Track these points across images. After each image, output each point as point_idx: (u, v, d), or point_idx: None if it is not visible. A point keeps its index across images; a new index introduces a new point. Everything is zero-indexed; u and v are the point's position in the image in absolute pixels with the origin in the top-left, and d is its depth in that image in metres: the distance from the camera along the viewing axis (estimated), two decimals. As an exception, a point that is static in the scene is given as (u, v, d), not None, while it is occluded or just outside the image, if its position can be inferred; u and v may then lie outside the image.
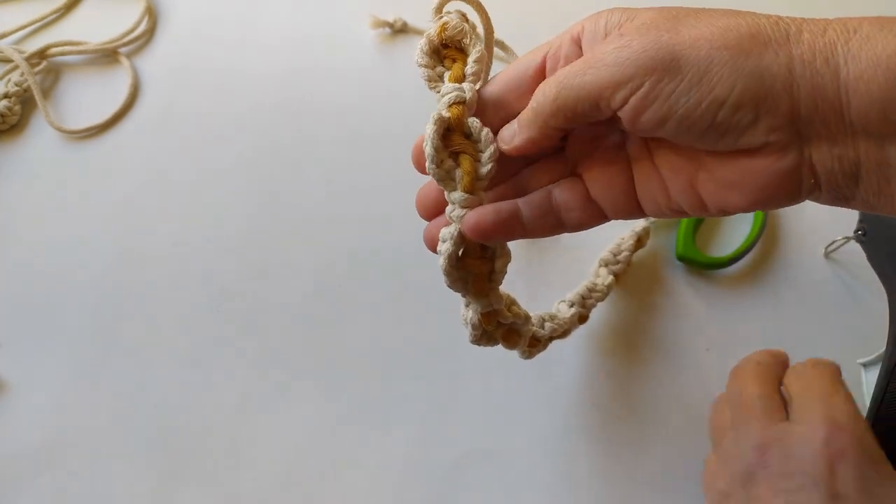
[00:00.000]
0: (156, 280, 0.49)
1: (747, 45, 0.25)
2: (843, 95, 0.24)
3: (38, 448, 0.45)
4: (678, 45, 0.25)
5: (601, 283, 0.45)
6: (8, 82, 0.55)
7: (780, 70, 0.24)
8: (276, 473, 0.44)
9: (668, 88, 0.25)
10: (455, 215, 0.30)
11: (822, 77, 0.24)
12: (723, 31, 0.25)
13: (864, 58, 0.24)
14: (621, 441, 0.45)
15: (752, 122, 0.25)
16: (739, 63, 0.24)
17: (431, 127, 0.30)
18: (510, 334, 0.35)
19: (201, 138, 0.54)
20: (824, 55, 0.24)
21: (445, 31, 0.32)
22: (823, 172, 0.26)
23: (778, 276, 0.49)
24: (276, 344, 0.47)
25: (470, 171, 0.30)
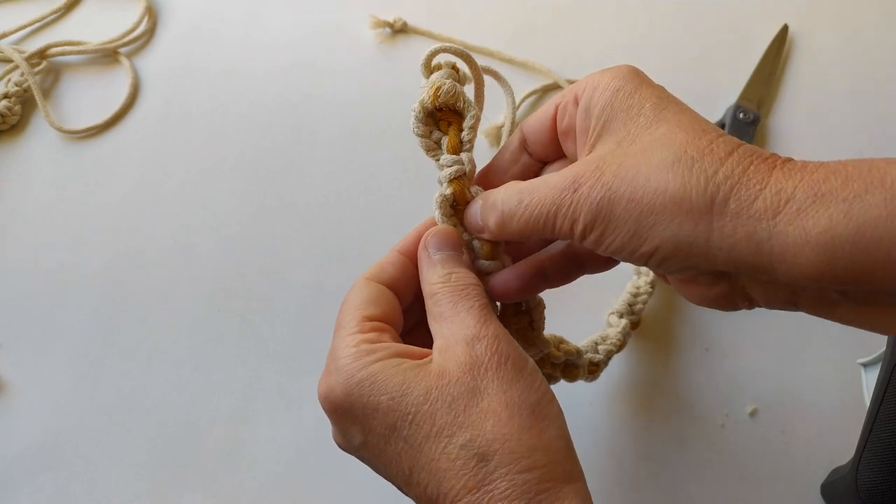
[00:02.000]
0: (156, 280, 0.49)
1: (670, 211, 0.26)
2: (766, 264, 0.25)
3: (38, 448, 0.45)
4: (615, 206, 0.28)
5: (643, 282, 0.46)
6: (8, 82, 0.55)
7: (698, 240, 0.26)
8: (276, 474, 0.44)
9: (609, 238, 0.28)
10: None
11: (741, 251, 0.25)
12: (652, 194, 0.27)
13: (791, 234, 0.24)
14: (620, 441, 0.45)
15: (679, 269, 0.28)
16: (661, 229, 0.27)
17: (438, 210, 0.33)
18: (568, 369, 0.37)
19: (201, 138, 0.54)
20: (746, 230, 0.25)
21: (438, 98, 0.32)
22: (760, 298, 0.28)
23: (778, 276, 0.49)
24: (276, 344, 0.47)
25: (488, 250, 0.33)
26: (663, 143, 0.28)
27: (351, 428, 0.30)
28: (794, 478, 0.43)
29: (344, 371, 0.30)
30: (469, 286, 0.31)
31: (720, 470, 0.44)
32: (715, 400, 0.46)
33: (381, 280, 0.33)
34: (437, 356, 0.29)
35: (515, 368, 0.28)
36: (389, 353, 0.30)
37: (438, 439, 0.27)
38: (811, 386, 0.46)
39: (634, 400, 0.46)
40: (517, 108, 0.54)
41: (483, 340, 0.28)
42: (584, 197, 0.28)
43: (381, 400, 0.28)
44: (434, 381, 0.28)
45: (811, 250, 0.24)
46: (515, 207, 0.30)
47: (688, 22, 0.58)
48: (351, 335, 0.31)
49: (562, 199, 0.29)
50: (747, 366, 0.46)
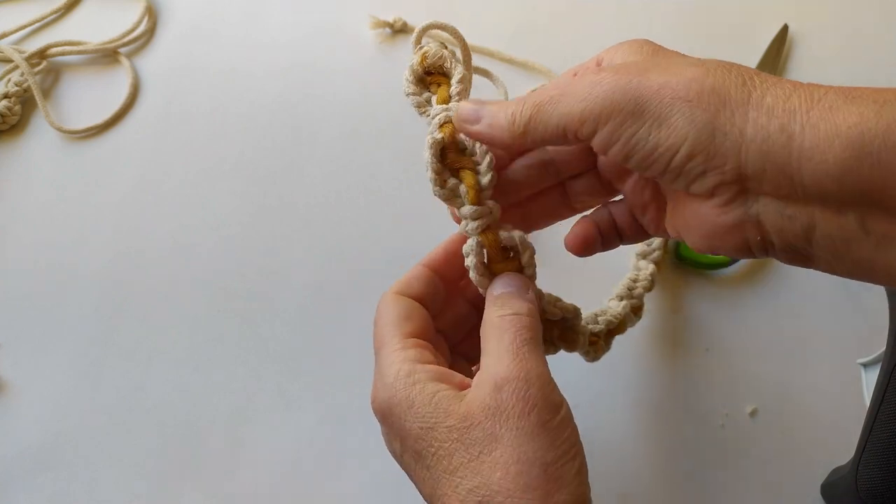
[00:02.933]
0: (156, 280, 0.49)
1: (706, 99, 0.26)
2: (794, 162, 0.25)
3: (38, 448, 0.45)
4: (644, 91, 0.26)
5: (643, 273, 0.46)
6: (8, 82, 0.55)
7: (732, 130, 0.25)
8: (276, 473, 0.44)
9: (629, 131, 0.27)
10: (470, 228, 0.32)
11: (774, 143, 0.25)
12: (688, 81, 0.26)
13: (822, 128, 0.24)
14: (620, 441, 0.45)
15: (701, 172, 0.26)
16: (695, 116, 0.26)
17: (428, 151, 0.32)
18: (566, 334, 0.36)
19: (201, 138, 0.54)
20: (781, 122, 0.25)
21: (426, 60, 0.34)
22: (773, 230, 0.26)
23: (778, 276, 0.49)
24: (276, 344, 0.47)
25: (473, 185, 0.32)
26: (694, 59, 0.28)
27: (392, 440, 0.31)
28: (794, 478, 0.43)
29: (388, 388, 0.30)
30: (518, 316, 0.30)
31: (720, 470, 0.44)
32: (715, 400, 0.46)
33: (410, 295, 0.33)
34: (471, 391, 0.29)
35: (540, 420, 0.27)
36: (430, 376, 0.29)
37: (453, 477, 0.27)
38: (811, 386, 0.46)
39: (634, 400, 0.46)
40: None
41: (511, 383, 0.28)
42: (606, 78, 0.27)
43: (413, 426, 0.29)
44: (457, 422, 0.28)
45: (840, 144, 0.24)
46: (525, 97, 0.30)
47: (688, 22, 0.58)
48: (395, 351, 0.31)
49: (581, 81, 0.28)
50: (747, 366, 0.46)
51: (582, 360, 0.47)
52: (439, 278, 0.34)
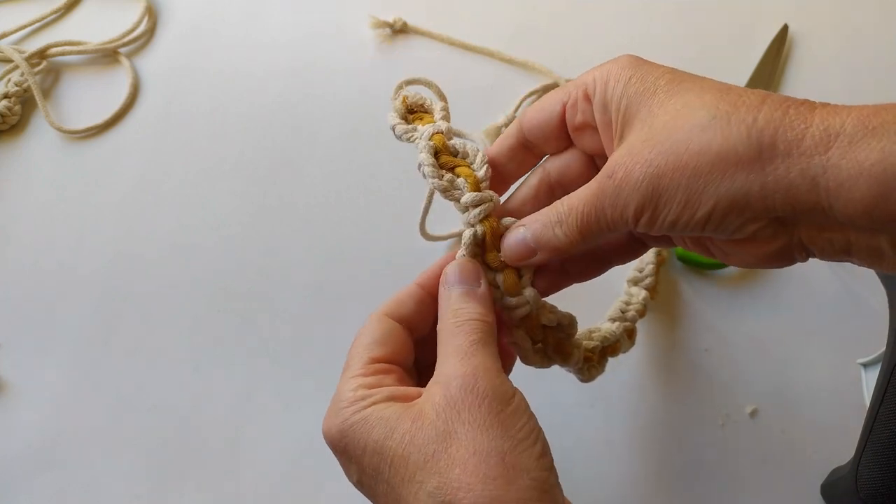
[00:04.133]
0: (156, 280, 0.49)
1: (719, 168, 0.26)
2: (823, 201, 0.25)
3: (38, 448, 0.45)
4: (662, 179, 0.27)
5: (635, 298, 0.45)
6: (8, 82, 0.55)
7: (753, 188, 0.26)
8: (276, 473, 0.44)
9: (663, 214, 0.28)
10: (472, 216, 0.32)
11: (798, 189, 0.25)
12: (697, 156, 0.27)
13: (845, 167, 0.24)
14: (620, 441, 0.45)
15: (738, 226, 0.27)
16: (715, 188, 0.27)
17: (423, 153, 0.33)
18: (562, 345, 0.36)
19: (201, 138, 0.54)
20: (800, 167, 0.25)
21: (407, 100, 0.36)
22: (815, 249, 0.28)
23: (778, 276, 0.49)
24: (277, 344, 0.47)
25: (471, 174, 0.33)
26: (692, 107, 0.28)
27: (349, 466, 0.30)
28: (794, 478, 0.43)
29: (340, 414, 0.30)
30: (469, 321, 0.30)
31: (720, 470, 0.44)
32: (715, 400, 0.46)
33: (398, 314, 0.33)
34: (422, 396, 0.29)
35: (491, 411, 0.27)
36: (384, 396, 0.29)
37: (411, 483, 0.27)
38: (811, 386, 0.46)
39: (635, 400, 0.46)
40: (517, 108, 0.54)
41: (458, 379, 0.28)
42: (624, 181, 0.28)
43: (367, 443, 0.28)
44: (409, 425, 0.28)
45: (865, 182, 0.24)
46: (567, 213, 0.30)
47: (688, 22, 0.58)
48: (353, 378, 0.31)
49: (602, 189, 0.29)
50: (747, 366, 0.46)
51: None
52: (432, 298, 0.34)
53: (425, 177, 0.33)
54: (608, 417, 0.45)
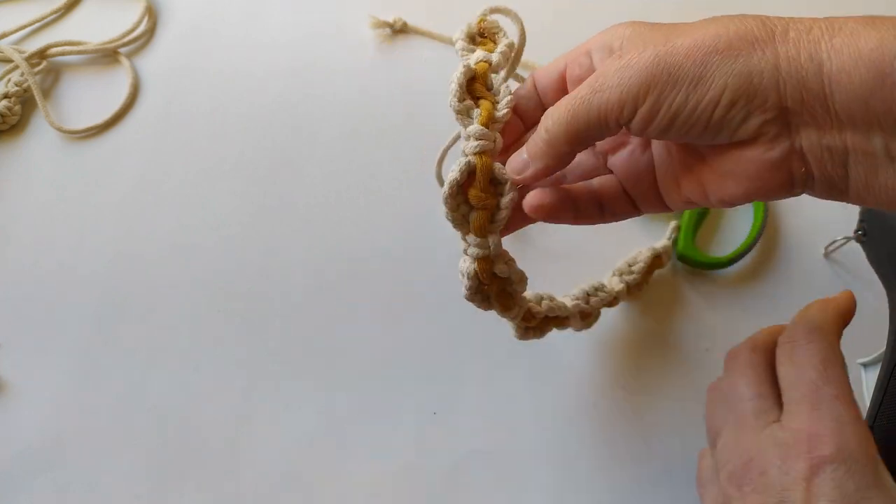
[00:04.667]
0: (156, 280, 0.49)
1: (736, 46, 0.27)
2: (826, 88, 0.26)
3: (38, 448, 0.45)
4: (674, 58, 0.27)
5: (609, 287, 0.45)
6: (8, 82, 0.55)
7: (767, 67, 0.26)
8: (276, 473, 0.44)
9: (668, 99, 0.28)
10: (469, 148, 0.33)
11: (807, 72, 0.26)
12: (714, 36, 0.27)
13: (846, 52, 0.25)
14: (621, 441, 0.45)
15: (744, 117, 0.27)
16: (729, 65, 0.27)
17: (458, 70, 0.34)
18: (504, 296, 0.36)
19: (201, 138, 0.54)
20: (808, 51, 0.26)
21: (484, 22, 0.37)
22: (814, 161, 0.28)
23: (778, 276, 0.49)
24: (277, 344, 0.47)
25: (488, 109, 0.34)
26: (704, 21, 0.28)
27: None
28: (794, 478, 0.43)
29: None
30: None
31: (720, 470, 0.44)
32: (715, 400, 0.46)
33: None
34: None
35: None
36: None
37: None
38: (811, 386, 0.46)
39: (635, 400, 0.46)
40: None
41: None
42: (633, 59, 0.28)
43: None
44: None
45: (864, 66, 0.25)
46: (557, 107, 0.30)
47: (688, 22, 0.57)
48: None
49: (605, 70, 0.29)
50: (747, 366, 0.46)
51: (581, 361, 0.47)
52: None
53: (449, 94, 0.34)
54: (608, 417, 0.45)
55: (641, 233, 0.50)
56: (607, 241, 0.49)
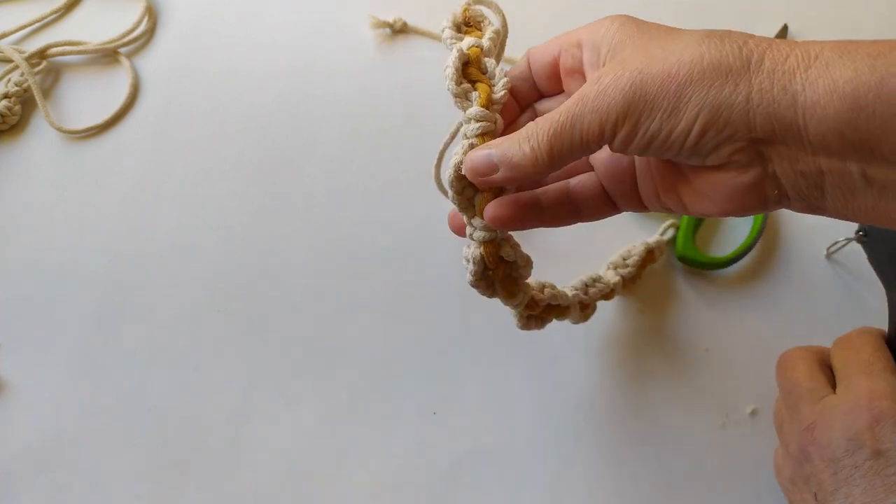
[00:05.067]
0: (156, 280, 0.49)
1: (709, 77, 0.27)
2: (800, 119, 0.26)
3: (38, 448, 0.45)
4: (649, 86, 0.28)
5: (605, 279, 0.45)
6: (8, 82, 0.55)
7: (738, 100, 0.27)
8: (276, 473, 0.44)
9: (644, 125, 0.28)
10: (470, 130, 0.33)
11: (779, 105, 0.27)
12: (688, 65, 0.28)
13: (821, 84, 0.26)
14: (621, 441, 0.45)
15: (714, 146, 0.28)
16: (701, 96, 0.27)
17: (453, 55, 0.35)
18: (509, 281, 0.36)
19: (201, 138, 0.54)
20: (782, 83, 0.27)
21: (468, 11, 0.37)
22: (788, 185, 0.28)
23: (778, 276, 0.49)
24: (276, 344, 0.47)
25: (486, 91, 0.34)
26: (685, 36, 0.29)
27: None
28: (794, 478, 0.43)
29: None
30: None
31: (720, 470, 0.44)
32: (715, 400, 0.46)
33: None
34: None
35: None
36: None
37: None
38: (811, 386, 0.46)
39: (635, 400, 0.46)
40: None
41: None
42: (609, 86, 0.29)
43: None
44: None
45: (838, 99, 0.25)
46: (539, 125, 0.30)
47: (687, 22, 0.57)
48: None
49: (584, 95, 0.29)
50: (747, 366, 0.46)
51: (580, 361, 0.47)
52: None
53: (445, 79, 0.34)
54: (608, 417, 0.45)
55: (639, 231, 0.49)
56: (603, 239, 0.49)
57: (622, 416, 0.45)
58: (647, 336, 0.47)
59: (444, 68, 0.34)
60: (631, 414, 0.45)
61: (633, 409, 0.45)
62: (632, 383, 0.46)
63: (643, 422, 0.45)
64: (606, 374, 0.46)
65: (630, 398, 0.46)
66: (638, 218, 0.50)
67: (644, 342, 0.47)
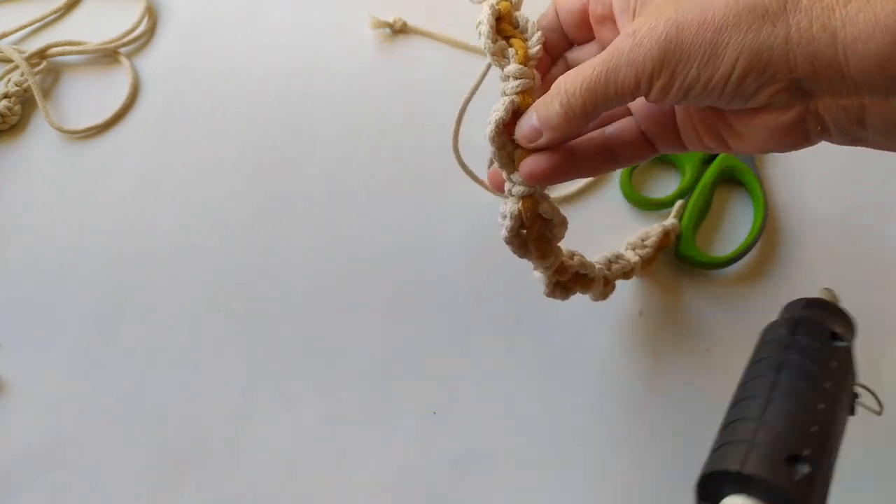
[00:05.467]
0: (156, 280, 0.49)
1: (746, 20, 0.27)
2: (841, 56, 0.26)
3: (38, 448, 0.45)
4: (685, 35, 0.28)
5: (625, 258, 0.46)
6: (8, 82, 0.55)
7: (777, 41, 0.26)
8: (276, 473, 0.44)
9: (682, 74, 0.28)
10: (510, 88, 0.33)
11: (819, 43, 0.26)
12: (723, 9, 0.27)
13: (861, 19, 0.25)
14: (621, 440, 0.45)
15: (756, 89, 0.28)
16: (738, 40, 0.27)
17: (486, 11, 0.34)
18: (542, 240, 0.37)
19: (201, 138, 0.54)
20: (821, 21, 0.26)
21: None
22: (830, 120, 0.28)
23: (778, 276, 0.49)
24: (276, 344, 0.47)
25: (523, 48, 0.34)
26: None
27: None
28: (794, 478, 0.43)
29: None
30: None
31: (720, 470, 0.44)
32: (715, 400, 0.46)
33: None
34: None
35: None
36: None
37: None
38: (811, 386, 0.46)
39: (634, 400, 0.46)
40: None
41: None
42: (645, 38, 0.28)
43: None
44: None
45: (880, 32, 0.25)
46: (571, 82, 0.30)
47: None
48: None
49: (618, 48, 0.29)
50: (747, 366, 0.46)
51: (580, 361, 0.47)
52: None
53: (480, 36, 0.34)
54: (608, 417, 0.45)
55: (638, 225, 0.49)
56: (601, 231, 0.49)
57: (622, 416, 0.45)
58: (646, 336, 0.47)
59: (478, 25, 0.34)
60: (631, 414, 0.45)
61: (632, 409, 0.45)
62: (631, 383, 0.46)
63: (643, 422, 0.45)
64: (606, 373, 0.46)
65: (629, 398, 0.46)
66: (644, 216, 0.50)
67: (644, 342, 0.47)
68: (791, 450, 0.26)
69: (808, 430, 0.27)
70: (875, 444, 0.44)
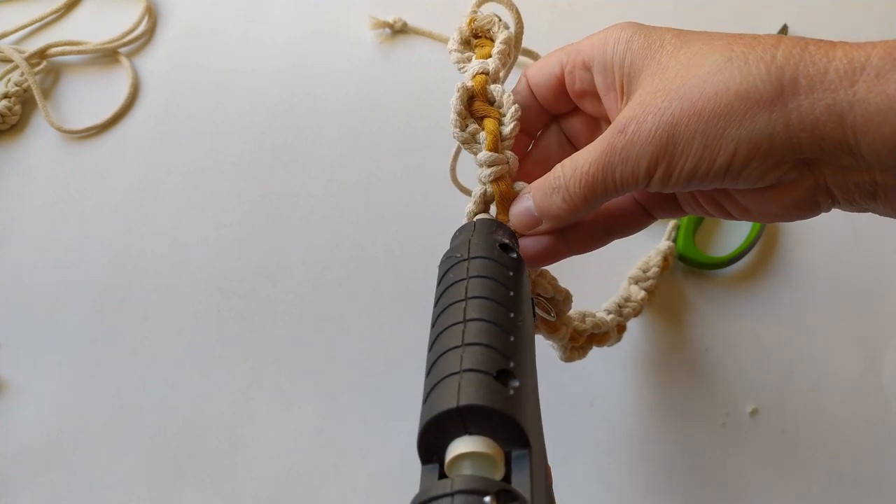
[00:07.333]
0: (155, 280, 0.49)
1: (738, 109, 0.25)
2: (850, 138, 0.24)
3: (38, 448, 0.45)
4: (678, 127, 0.26)
5: (634, 297, 0.45)
6: (8, 82, 0.55)
7: (777, 128, 0.25)
8: (276, 473, 0.44)
9: (679, 165, 0.27)
10: (483, 176, 0.32)
11: (825, 126, 0.24)
12: (714, 98, 0.25)
13: (873, 101, 0.23)
14: (620, 440, 0.45)
15: (762, 173, 0.26)
16: (734, 131, 0.25)
17: (455, 95, 0.33)
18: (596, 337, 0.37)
19: (201, 138, 0.54)
20: (825, 103, 0.24)
21: (475, 22, 0.35)
22: (840, 194, 0.27)
23: (778, 276, 0.49)
24: (276, 344, 0.47)
25: (493, 131, 0.32)
26: (704, 53, 0.27)
27: None
28: (794, 477, 0.44)
29: None
30: None
31: (720, 470, 0.44)
32: (715, 400, 0.46)
33: None
34: None
35: None
36: None
37: None
38: (811, 385, 0.46)
39: (634, 400, 0.46)
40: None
41: None
42: (636, 134, 0.27)
43: None
44: None
45: (894, 116, 0.23)
46: (570, 177, 0.29)
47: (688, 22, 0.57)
48: None
49: (612, 146, 0.28)
50: (747, 366, 0.46)
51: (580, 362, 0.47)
52: None
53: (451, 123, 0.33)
54: (608, 417, 0.45)
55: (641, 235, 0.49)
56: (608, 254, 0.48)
57: (621, 415, 0.45)
58: (646, 336, 0.47)
59: (450, 111, 0.33)
60: (630, 413, 0.45)
61: (632, 409, 0.45)
62: (631, 383, 0.46)
63: (642, 421, 0.45)
64: (605, 373, 0.46)
65: (629, 398, 0.46)
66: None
67: (644, 342, 0.47)
68: (499, 365, 0.25)
69: (508, 341, 0.26)
70: (875, 444, 0.44)
